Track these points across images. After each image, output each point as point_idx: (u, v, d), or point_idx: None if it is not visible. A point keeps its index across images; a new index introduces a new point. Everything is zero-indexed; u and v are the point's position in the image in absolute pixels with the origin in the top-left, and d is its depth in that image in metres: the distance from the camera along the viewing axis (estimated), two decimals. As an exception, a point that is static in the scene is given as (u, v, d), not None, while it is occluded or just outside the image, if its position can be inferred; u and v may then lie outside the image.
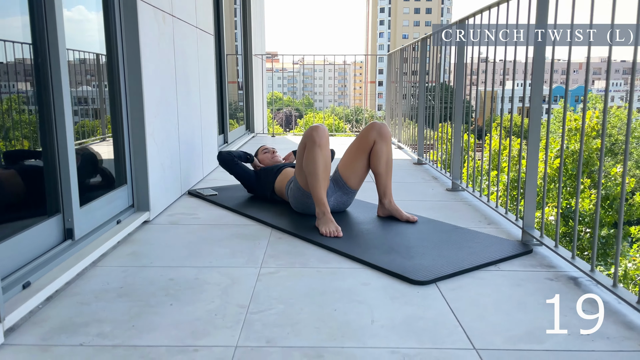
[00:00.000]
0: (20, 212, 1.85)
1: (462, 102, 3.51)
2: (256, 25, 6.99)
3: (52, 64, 1.91)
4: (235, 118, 6.23)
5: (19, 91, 1.86)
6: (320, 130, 2.53)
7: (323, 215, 2.49)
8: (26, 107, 1.90)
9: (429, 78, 4.69)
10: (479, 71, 3.32)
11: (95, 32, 2.38)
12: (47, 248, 1.88)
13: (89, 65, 2.37)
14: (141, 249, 2.26)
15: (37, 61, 1.88)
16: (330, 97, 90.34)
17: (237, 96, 6.55)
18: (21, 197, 1.88)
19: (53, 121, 1.94)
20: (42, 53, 1.89)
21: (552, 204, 10.94)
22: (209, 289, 1.83)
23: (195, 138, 3.59)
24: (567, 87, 2.20)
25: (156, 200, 2.75)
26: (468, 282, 1.93)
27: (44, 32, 1.88)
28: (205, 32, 3.89)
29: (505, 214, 2.66)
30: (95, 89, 2.43)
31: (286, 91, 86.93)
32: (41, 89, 1.90)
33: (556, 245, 2.13)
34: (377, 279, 1.94)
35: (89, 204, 2.18)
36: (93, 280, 1.89)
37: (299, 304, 1.71)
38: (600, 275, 1.83)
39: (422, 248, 2.25)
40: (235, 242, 2.37)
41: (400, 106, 5.96)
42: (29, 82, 1.89)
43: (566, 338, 1.50)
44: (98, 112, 2.46)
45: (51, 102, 1.93)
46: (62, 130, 1.95)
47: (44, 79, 1.90)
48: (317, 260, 2.14)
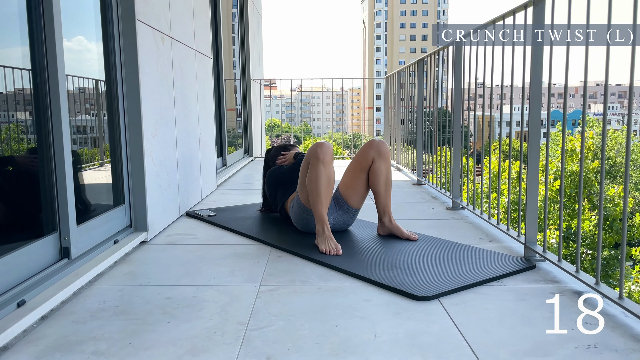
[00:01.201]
0: (16, 230, 1.82)
1: (460, 125, 3.53)
2: (254, 50, 7.07)
3: (51, 85, 1.91)
4: (233, 145, 6.24)
5: (17, 102, 1.86)
6: (325, 147, 2.52)
7: (322, 233, 2.47)
8: (24, 124, 1.89)
9: (426, 103, 4.73)
10: (476, 96, 3.34)
11: (94, 52, 2.39)
12: (43, 266, 1.85)
13: (87, 90, 2.37)
14: (138, 268, 2.23)
15: (35, 80, 1.88)
16: (329, 124, 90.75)
17: (236, 123, 6.58)
18: (17, 215, 1.86)
19: (51, 139, 1.93)
20: (41, 71, 1.89)
21: (552, 226, 10.90)
22: (208, 307, 1.79)
23: (194, 159, 3.58)
24: (565, 102, 2.20)
25: (154, 220, 2.72)
26: (471, 297, 1.89)
27: (43, 52, 1.89)
28: (203, 55, 3.92)
29: (507, 230, 2.64)
30: (94, 117, 2.43)
31: (284, 118, 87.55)
32: (39, 108, 1.90)
33: (559, 260, 2.11)
34: (379, 295, 1.91)
35: (86, 222, 2.15)
36: (89, 300, 1.86)
37: (299, 320, 1.67)
38: (605, 288, 1.80)
39: (423, 264, 2.22)
40: (234, 260, 2.34)
41: (399, 131, 5.99)
42: (27, 101, 1.89)
43: (573, 351, 1.46)
44: (96, 140, 2.45)
45: (49, 119, 1.92)
46: (59, 149, 1.94)
47: (43, 96, 1.90)
48: (318, 277, 2.11)
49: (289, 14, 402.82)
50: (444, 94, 4.33)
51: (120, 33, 2.48)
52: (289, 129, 35.61)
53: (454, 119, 3.56)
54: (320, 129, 75.37)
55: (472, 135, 3.74)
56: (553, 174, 11.19)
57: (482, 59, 2.93)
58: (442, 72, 4.19)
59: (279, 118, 58.91)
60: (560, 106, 58.22)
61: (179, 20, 3.26)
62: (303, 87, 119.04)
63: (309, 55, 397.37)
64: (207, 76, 4.04)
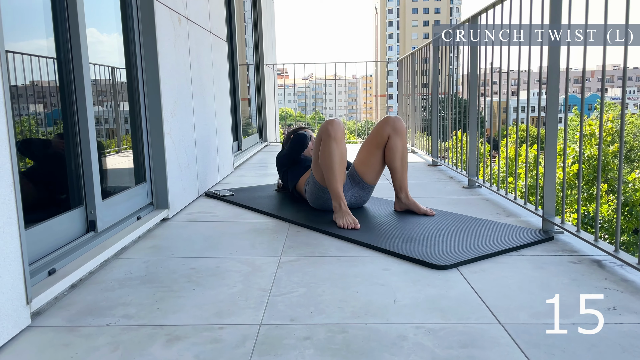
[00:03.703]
0: (46, 204, 1.88)
1: (477, 109, 3.51)
2: (267, 36, 7.08)
3: (75, 68, 1.96)
4: (246, 135, 6.26)
5: (46, 90, 1.91)
6: (335, 124, 2.55)
7: (340, 209, 2.50)
8: (54, 107, 1.94)
9: (440, 90, 4.71)
10: (492, 81, 3.31)
11: (114, 37, 2.43)
12: (71, 238, 1.90)
13: (108, 77, 2.42)
14: (162, 243, 2.28)
15: (60, 68, 1.93)
16: (341, 112, 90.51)
17: (248, 113, 6.59)
18: (47, 190, 1.91)
19: (76, 118, 1.98)
20: (66, 60, 1.94)
21: (569, 209, 10.82)
22: (231, 276, 1.83)
23: (211, 141, 3.62)
24: (583, 86, 2.19)
25: (174, 198, 2.78)
26: (490, 266, 1.91)
27: (68, 42, 1.93)
28: (219, 38, 3.95)
29: (524, 205, 2.65)
30: (115, 103, 2.47)
31: (296, 107, 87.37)
32: (63, 86, 1.95)
33: (578, 230, 2.11)
34: (397, 265, 1.94)
35: (110, 197, 2.21)
36: (116, 270, 1.91)
37: (320, 287, 1.71)
38: (625, 255, 1.81)
39: (441, 237, 2.24)
40: (254, 235, 2.38)
41: (413, 118, 5.97)
42: (53, 87, 1.93)
43: (594, 312, 1.48)
44: (117, 126, 2.50)
45: (74, 98, 1.97)
46: (84, 127, 1.99)
47: (67, 76, 1.95)
48: (337, 249, 2.14)
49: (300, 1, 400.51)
50: (458, 80, 4.31)
51: (139, 15, 2.51)
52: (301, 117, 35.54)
53: (470, 103, 3.55)
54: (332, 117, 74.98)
55: (487, 121, 3.72)
56: (571, 159, 11.08)
57: (499, 40, 2.92)
58: (457, 50, 4.16)
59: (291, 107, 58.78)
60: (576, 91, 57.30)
61: (195, 1, 3.29)
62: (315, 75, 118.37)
63: (320, 42, 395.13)
64: (222, 60, 4.07)
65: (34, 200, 1.76)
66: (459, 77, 4.19)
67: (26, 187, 1.66)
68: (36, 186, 1.85)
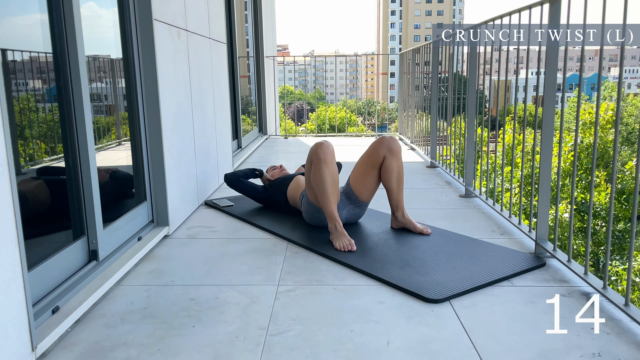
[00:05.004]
0: (47, 236, 1.92)
1: (476, 92, 3.47)
2: (267, 25, 7.03)
3: (74, 88, 1.98)
4: (247, 113, 6.24)
5: (42, 102, 1.93)
6: (324, 147, 2.59)
7: (335, 230, 2.54)
8: (55, 132, 1.97)
9: (441, 68, 4.68)
10: (492, 60, 3.28)
11: (113, 54, 2.44)
12: (73, 270, 1.95)
13: (109, 94, 2.44)
14: (162, 266, 2.33)
15: (60, 91, 1.95)
16: (342, 90, 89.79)
17: (248, 91, 6.56)
18: (47, 221, 1.95)
19: (77, 149, 2.01)
20: (64, 67, 1.96)
21: (565, 200, 10.87)
22: (229, 309, 1.89)
23: (210, 147, 3.65)
24: (580, 77, 2.21)
25: (175, 214, 2.82)
26: (481, 299, 1.96)
27: (64, 38, 1.95)
28: (218, 42, 3.94)
29: (518, 224, 2.69)
30: (117, 126, 2.49)
31: (297, 84, 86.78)
32: (64, 114, 1.97)
33: (569, 260, 2.16)
34: (392, 297, 1.99)
35: (112, 224, 2.25)
36: (118, 301, 1.97)
37: (316, 325, 1.76)
38: (613, 294, 1.86)
39: (436, 262, 2.29)
40: (253, 257, 2.43)
41: (414, 98, 5.90)
42: (56, 108, 1.96)
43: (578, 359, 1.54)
44: (113, 108, 2.53)
45: (74, 129, 1.99)
46: (85, 157, 2.02)
47: (68, 115, 1.97)
48: (333, 276, 2.19)
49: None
50: (459, 59, 4.26)
51: (139, 34, 2.52)
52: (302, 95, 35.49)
53: (469, 84, 3.51)
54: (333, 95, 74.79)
55: (488, 100, 3.65)
56: (570, 146, 11.09)
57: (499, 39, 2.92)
58: (457, 48, 4.13)
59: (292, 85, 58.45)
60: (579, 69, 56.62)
61: (194, 8, 3.28)
62: (316, 52, 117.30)
63: (322, 19, 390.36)
64: (221, 62, 4.07)
65: (34, 233, 1.81)
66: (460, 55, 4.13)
67: (26, 223, 1.70)
68: (36, 219, 1.89)
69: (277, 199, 3.13)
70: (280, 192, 3.11)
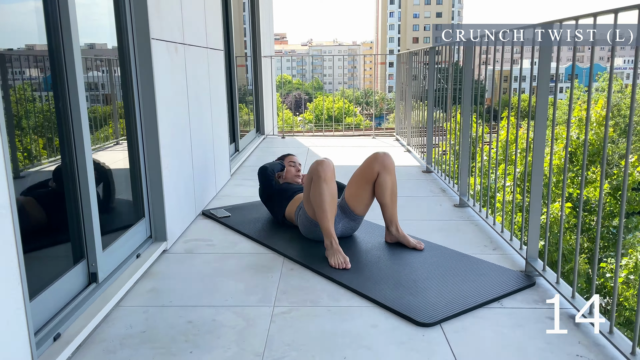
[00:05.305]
0: (48, 261, 1.97)
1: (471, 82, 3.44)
2: (265, 27, 7.03)
3: (73, 113, 2.01)
4: (244, 102, 6.19)
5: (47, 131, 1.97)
6: (325, 165, 2.63)
7: (331, 246, 2.60)
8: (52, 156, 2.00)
9: (440, 58, 4.67)
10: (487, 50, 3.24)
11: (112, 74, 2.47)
12: (73, 295, 2.00)
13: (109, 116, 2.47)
14: (160, 284, 2.38)
15: (59, 113, 1.98)
16: (340, 79, 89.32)
17: (246, 80, 6.53)
18: (47, 245, 2.00)
19: (76, 175, 2.05)
20: (65, 107, 1.99)
21: (559, 197, 10.93)
22: (226, 333, 1.94)
23: (208, 157, 3.69)
24: (572, 73, 2.25)
25: (173, 228, 2.86)
26: (471, 322, 2.02)
27: (65, 80, 1.98)
28: (215, 50, 3.96)
29: (510, 240, 2.74)
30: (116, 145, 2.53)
31: (295, 74, 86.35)
32: (63, 138, 2.01)
33: (557, 282, 2.22)
34: (385, 319, 2.05)
35: (111, 245, 2.29)
36: (117, 323, 2.02)
37: (310, 351, 1.82)
38: (598, 321, 1.92)
39: (428, 281, 2.35)
40: (249, 274, 2.49)
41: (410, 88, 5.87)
42: (55, 128, 1.99)
43: (562, 390, 1.60)
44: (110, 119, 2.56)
45: (74, 158, 2.03)
46: (84, 184, 2.06)
47: (66, 126, 2.01)
48: (328, 297, 2.25)
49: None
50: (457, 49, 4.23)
51: (137, 54, 2.55)
52: (300, 85, 35.50)
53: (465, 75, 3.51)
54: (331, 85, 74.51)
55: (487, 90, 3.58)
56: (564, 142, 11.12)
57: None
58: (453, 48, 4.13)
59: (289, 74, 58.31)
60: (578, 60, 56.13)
61: (191, 21, 3.30)
62: (314, 42, 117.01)
63: (319, 7, 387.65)
64: (218, 69, 4.10)
65: (35, 258, 1.85)
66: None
67: (26, 249, 1.74)
68: (36, 243, 1.93)
69: (277, 211, 3.16)
70: (280, 207, 3.13)
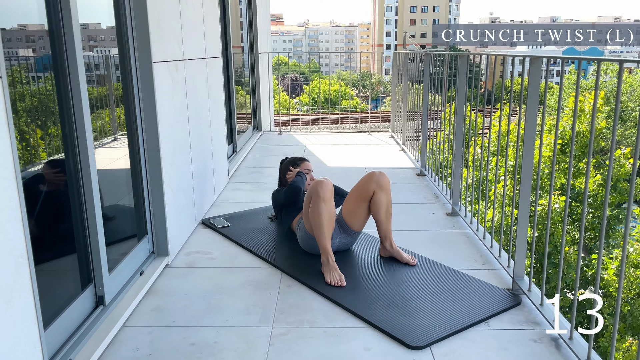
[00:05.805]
0: (57, 286, 2.07)
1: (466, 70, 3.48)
2: (262, 22, 7.04)
3: (79, 134, 2.09)
4: (240, 84, 6.18)
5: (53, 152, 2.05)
6: (324, 185, 2.73)
7: (327, 263, 2.71)
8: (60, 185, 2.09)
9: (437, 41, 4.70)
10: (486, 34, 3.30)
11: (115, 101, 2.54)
12: (82, 319, 2.11)
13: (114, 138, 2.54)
14: (163, 302, 2.49)
15: (66, 142, 2.07)
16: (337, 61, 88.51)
17: (242, 61, 6.51)
18: (56, 272, 2.09)
19: (83, 201, 2.14)
20: (71, 138, 2.07)
21: (552, 196, 11.09)
22: (227, 357, 2.06)
23: (207, 165, 3.77)
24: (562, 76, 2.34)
25: (174, 241, 2.96)
26: (459, 344, 2.14)
27: (73, 120, 2.06)
28: (213, 58, 4.02)
29: (498, 256, 2.86)
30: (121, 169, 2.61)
31: (291, 55, 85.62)
32: (71, 174, 2.09)
33: (541, 304, 2.34)
34: (377, 342, 2.17)
35: (116, 268, 2.39)
36: (124, 346, 2.13)
37: (307, 376, 1.94)
38: (578, 346, 2.04)
39: (419, 300, 2.47)
40: (249, 291, 2.60)
41: (407, 72, 5.94)
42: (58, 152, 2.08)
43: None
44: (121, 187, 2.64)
45: (81, 186, 2.12)
46: (91, 212, 2.15)
47: (74, 161, 2.09)
48: (324, 317, 2.36)
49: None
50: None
51: (139, 77, 2.62)
52: (296, 66, 35.21)
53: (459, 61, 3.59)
54: (328, 67, 73.83)
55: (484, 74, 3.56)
56: (557, 133, 11.23)
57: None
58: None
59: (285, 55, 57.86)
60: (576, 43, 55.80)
61: (191, 35, 3.35)
62: (311, 22, 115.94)
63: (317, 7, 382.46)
64: (217, 75, 4.16)
65: (46, 285, 1.95)
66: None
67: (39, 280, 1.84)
68: (46, 271, 2.03)
69: (284, 220, 3.25)
70: (289, 216, 3.21)
